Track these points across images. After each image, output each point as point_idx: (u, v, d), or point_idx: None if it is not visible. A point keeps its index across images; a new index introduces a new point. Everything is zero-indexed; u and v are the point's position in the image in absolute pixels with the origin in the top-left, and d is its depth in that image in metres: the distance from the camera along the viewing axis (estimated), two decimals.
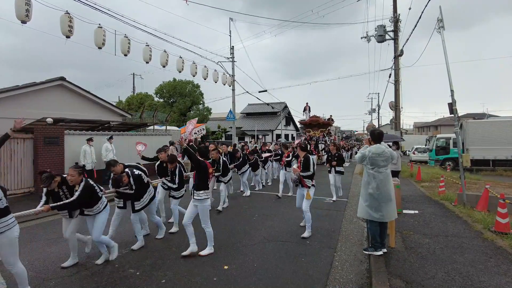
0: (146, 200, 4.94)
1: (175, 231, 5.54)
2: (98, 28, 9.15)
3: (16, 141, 8.85)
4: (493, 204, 6.20)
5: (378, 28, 15.78)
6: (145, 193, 4.92)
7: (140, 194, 4.83)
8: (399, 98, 15.78)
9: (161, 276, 3.82)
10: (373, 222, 4.26)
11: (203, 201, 4.48)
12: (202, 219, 4.52)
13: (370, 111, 43.13)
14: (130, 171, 4.73)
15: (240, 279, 3.74)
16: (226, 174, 7.42)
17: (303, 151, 5.64)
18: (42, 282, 3.68)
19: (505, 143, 16.17)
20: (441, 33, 7.48)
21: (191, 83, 30.77)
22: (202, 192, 4.48)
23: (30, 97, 11.20)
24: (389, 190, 4.20)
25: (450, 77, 7.29)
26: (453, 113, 7.44)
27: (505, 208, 5.19)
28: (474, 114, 37.10)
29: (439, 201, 7.88)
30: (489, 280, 3.50)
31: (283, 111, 37.11)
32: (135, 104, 29.63)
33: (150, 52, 11.16)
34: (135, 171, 4.79)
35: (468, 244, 4.67)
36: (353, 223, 6.25)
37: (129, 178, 4.67)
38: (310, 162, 5.40)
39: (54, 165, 9.45)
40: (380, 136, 4.37)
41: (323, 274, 3.89)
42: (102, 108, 14.07)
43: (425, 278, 3.56)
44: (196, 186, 4.53)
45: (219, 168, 7.18)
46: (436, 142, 20.04)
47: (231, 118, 19.10)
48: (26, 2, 6.95)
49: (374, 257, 4.13)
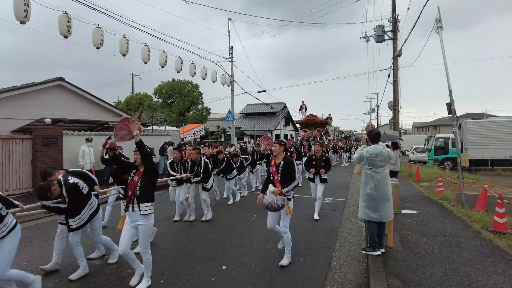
0: (85, 216, 3.89)
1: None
2: (96, 28, 9.15)
3: (14, 141, 8.84)
4: (491, 204, 6.21)
5: (377, 28, 15.81)
6: (84, 207, 3.88)
7: (77, 209, 3.81)
8: (398, 98, 15.80)
9: (159, 276, 3.82)
10: (371, 222, 4.27)
11: (148, 217, 3.45)
12: (142, 241, 3.46)
13: (369, 111, 43.19)
14: (63, 179, 3.74)
15: (238, 280, 3.74)
16: (207, 180, 6.32)
17: (282, 149, 4.22)
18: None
19: (504, 143, 16.20)
20: (439, 34, 7.50)
21: (190, 83, 30.79)
22: (148, 205, 3.47)
23: (29, 97, 11.20)
24: (387, 190, 4.21)
25: (448, 77, 7.31)
26: (451, 113, 7.46)
27: (503, 208, 5.21)
28: (473, 114, 37.14)
29: (437, 201, 7.89)
30: (487, 279, 3.51)
31: (282, 111, 37.07)
32: (134, 104, 29.64)
33: (149, 52, 11.17)
34: (70, 179, 3.77)
35: (466, 244, 4.68)
36: (352, 223, 6.26)
37: (60, 188, 3.68)
38: (295, 168, 4.14)
39: (52, 165, 9.44)
40: (378, 136, 4.38)
41: (322, 274, 3.90)
42: (101, 108, 14.07)
43: (423, 278, 3.57)
44: (139, 197, 3.43)
45: (199, 171, 6.17)
46: (435, 142, 20.10)
47: (230, 118, 19.11)
48: (25, 3, 6.95)
49: (372, 257, 4.14)
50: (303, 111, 24.12)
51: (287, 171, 4.08)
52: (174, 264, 4.21)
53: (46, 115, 9.66)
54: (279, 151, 4.20)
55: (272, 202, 3.95)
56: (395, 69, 15.60)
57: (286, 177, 4.07)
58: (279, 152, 4.21)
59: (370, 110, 42.94)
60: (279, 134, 35.36)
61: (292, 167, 4.09)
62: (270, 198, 3.96)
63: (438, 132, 35.85)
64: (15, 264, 4.13)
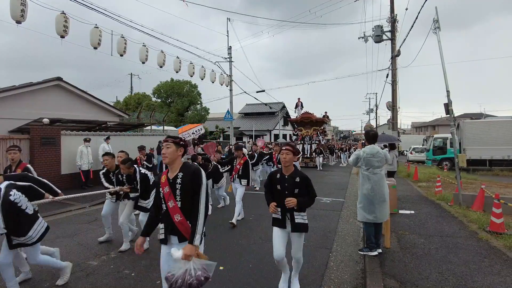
0: (36, 234, 3.29)
1: None
2: (94, 28, 9.14)
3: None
4: (488, 204, 6.23)
5: (375, 28, 15.83)
6: (31, 226, 3.25)
7: (19, 226, 3.17)
8: (396, 98, 15.82)
9: (156, 277, 3.81)
10: (368, 223, 4.28)
11: None
12: None
13: (368, 111, 43.31)
14: (3, 190, 3.08)
15: (236, 280, 3.74)
16: (148, 197, 4.76)
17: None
18: (37, 283, 3.67)
19: (502, 143, 16.26)
20: (437, 34, 7.51)
21: (189, 83, 30.79)
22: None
23: (27, 97, 11.17)
24: (383, 191, 4.23)
25: (446, 78, 7.33)
26: (449, 114, 7.48)
27: (500, 208, 5.22)
28: (471, 114, 37.20)
29: (435, 201, 7.91)
30: (482, 280, 3.52)
31: (281, 111, 37.11)
32: (133, 104, 29.63)
33: (147, 52, 11.16)
34: (12, 193, 3.11)
35: (463, 244, 4.70)
36: (349, 223, 6.27)
37: None
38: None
39: (50, 165, 9.43)
40: (375, 137, 4.39)
41: (318, 274, 3.91)
42: (99, 108, 14.04)
43: (419, 279, 3.58)
44: None
45: (136, 186, 4.70)
46: (434, 142, 20.15)
47: (228, 118, 19.11)
48: (22, 2, 6.93)
49: (369, 257, 4.15)
50: (298, 109, 22.92)
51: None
52: None
53: (44, 115, 9.64)
54: (291, 160, 3.17)
55: (183, 277, 2.14)
56: (394, 69, 15.62)
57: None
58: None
59: (369, 110, 43.11)
60: (277, 134, 35.40)
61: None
62: (179, 268, 2.18)
63: (437, 132, 35.93)
64: None
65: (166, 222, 2.47)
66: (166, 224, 2.48)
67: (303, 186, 3.09)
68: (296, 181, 3.10)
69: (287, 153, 3.11)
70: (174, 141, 2.51)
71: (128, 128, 14.45)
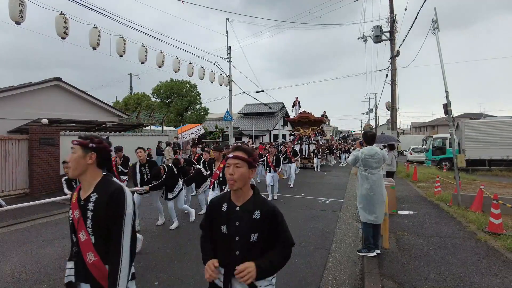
0: None
1: None
2: (93, 29, 9.12)
3: (11, 142, 8.81)
4: (487, 204, 6.22)
5: (374, 28, 15.84)
6: None
7: None
8: (395, 98, 15.83)
9: (154, 278, 3.81)
10: (367, 223, 4.28)
11: None
12: None
13: (367, 111, 43.30)
14: None
15: None
16: None
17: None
18: (34, 285, 3.66)
19: (501, 143, 16.25)
20: (436, 34, 7.52)
21: (188, 83, 30.79)
22: None
23: (26, 98, 11.16)
24: (382, 191, 4.23)
25: (445, 78, 7.33)
26: (447, 114, 7.48)
27: (498, 208, 5.22)
28: (470, 114, 37.22)
29: (434, 202, 7.91)
30: (481, 281, 3.52)
31: (281, 111, 37.10)
32: (132, 104, 29.62)
33: (146, 52, 11.13)
34: None
35: (461, 245, 4.70)
36: (348, 224, 6.26)
37: None
38: None
39: (49, 166, 9.42)
40: (373, 137, 4.39)
41: (317, 275, 3.90)
42: (99, 109, 14.03)
43: (417, 279, 3.57)
44: None
45: None
46: (433, 142, 20.15)
47: (228, 119, 19.09)
48: (20, 3, 6.91)
49: (368, 258, 4.15)
50: (296, 108, 22.18)
51: None
52: (169, 265, 4.20)
53: (43, 115, 9.63)
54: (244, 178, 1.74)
55: None
56: (393, 70, 15.63)
57: None
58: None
59: (368, 110, 43.08)
60: (277, 134, 35.39)
61: None
62: None
63: (436, 132, 35.93)
64: (7, 267, 4.12)
65: (77, 261, 1.68)
66: (76, 264, 1.68)
67: (266, 228, 1.67)
68: (254, 217, 1.66)
69: (236, 163, 1.68)
70: (80, 144, 1.67)
71: (128, 128, 14.45)
